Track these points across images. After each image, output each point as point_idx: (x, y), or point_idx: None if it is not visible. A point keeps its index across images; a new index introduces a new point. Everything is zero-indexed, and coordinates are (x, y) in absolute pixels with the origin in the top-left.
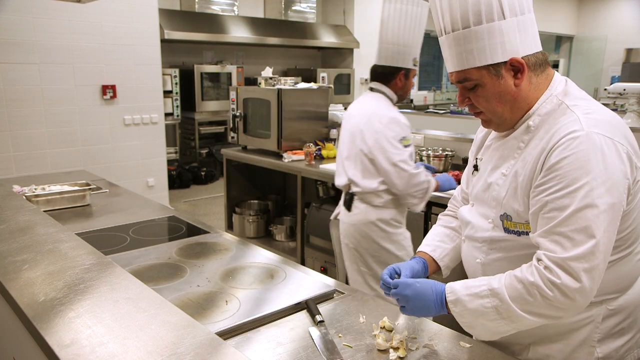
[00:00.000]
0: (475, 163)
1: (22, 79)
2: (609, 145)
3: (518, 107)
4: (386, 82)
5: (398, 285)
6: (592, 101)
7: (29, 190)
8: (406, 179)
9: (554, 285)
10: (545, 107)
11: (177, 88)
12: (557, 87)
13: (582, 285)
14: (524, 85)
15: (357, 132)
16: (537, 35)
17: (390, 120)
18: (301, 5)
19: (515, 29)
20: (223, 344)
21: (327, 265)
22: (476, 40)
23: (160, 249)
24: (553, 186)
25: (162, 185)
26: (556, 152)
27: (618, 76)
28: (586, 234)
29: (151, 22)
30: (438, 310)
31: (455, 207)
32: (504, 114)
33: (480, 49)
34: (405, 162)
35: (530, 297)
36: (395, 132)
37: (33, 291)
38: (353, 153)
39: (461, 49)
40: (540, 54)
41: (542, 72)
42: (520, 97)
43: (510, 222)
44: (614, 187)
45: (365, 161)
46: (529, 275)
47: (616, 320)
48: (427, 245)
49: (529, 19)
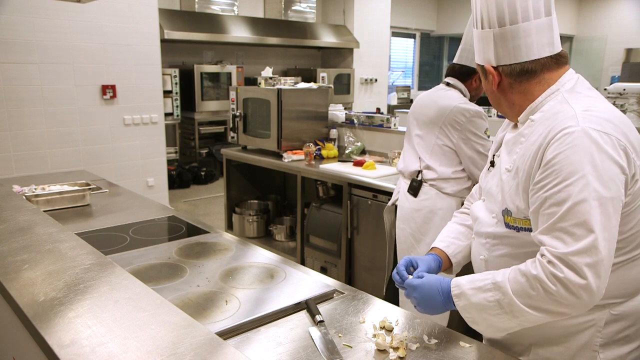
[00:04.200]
0: (492, 160)
1: (22, 78)
2: (605, 140)
3: (509, 105)
4: (463, 80)
5: (407, 287)
6: (598, 98)
7: (29, 190)
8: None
9: (557, 279)
10: (549, 103)
11: (177, 88)
12: (566, 84)
13: (588, 282)
14: (505, 89)
15: (437, 122)
16: (523, 45)
17: (474, 113)
18: (301, 5)
19: (490, 39)
20: (223, 344)
21: (327, 265)
22: (476, 41)
23: (160, 249)
24: (550, 182)
25: (162, 185)
26: (552, 148)
27: (618, 76)
28: (585, 228)
29: (151, 22)
30: (446, 307)
31: (471, 204)
32: (500, 106)
33: (475, 49)
34: (488, 152)
35: (533, 290)
36: (480, 124)
37: (33, 291)
38: (431, 142)
39: (475, 45)
40: (530, 63)
41: (532, 79)
42: (504, 97)
43: (510, 217)
44: (611, 180)
45: (446, 149)
46: (532, 269)
47: (620, 326)
48: (442, 241)
49: (509, 31)
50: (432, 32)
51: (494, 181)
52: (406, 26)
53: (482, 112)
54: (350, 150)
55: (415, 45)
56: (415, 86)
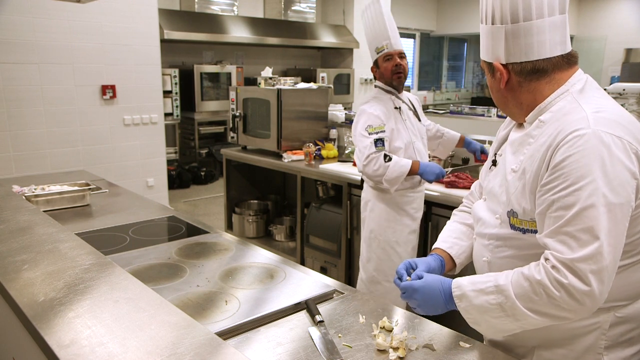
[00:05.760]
0: (494, 158)
1: (22, 78)
2: (617, 143)
3: (517, 104)
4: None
5: (406, 290)
6: (607, 99)
7: (29, 190)
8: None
9: (561, 285)
10: (558, 103)
11: (176, 88)
12: (576, 85)
13: (592, 289)
14: (513, 88)
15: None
16: (535, 43)
17: (359, 111)
18: (301, 5)
19: (501, 36)
20: (223, 344)
21: (327, 265)
22: (484, 37)
23: (160, 249)
24: (559, 185)
25: (161, 185)
26: (561, 150)
27: (618, 76)
28: (591, 234)
29: (151, 22)
30: (448, 307)
31: (471, 202)
32: (506, 106)
33: (482, 45)
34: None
35: (536, 295)
36: (362, 122)
37: (33, 291)
38: None
39: (482, 41)
40: (541, 62)
41: (542, 78)
42: (512, 96)
43: (516, 219)
44: (620, 186)
45: None
46: (536, 273)
47: (625, 328)
48: (444, 241)
49: (522, 28)
50: (432, 32)
51: (496, 181)
52: (406, 26)
53: (364, 109)
54: (350, 150)
55: (415, 45)
56: (415, 86)
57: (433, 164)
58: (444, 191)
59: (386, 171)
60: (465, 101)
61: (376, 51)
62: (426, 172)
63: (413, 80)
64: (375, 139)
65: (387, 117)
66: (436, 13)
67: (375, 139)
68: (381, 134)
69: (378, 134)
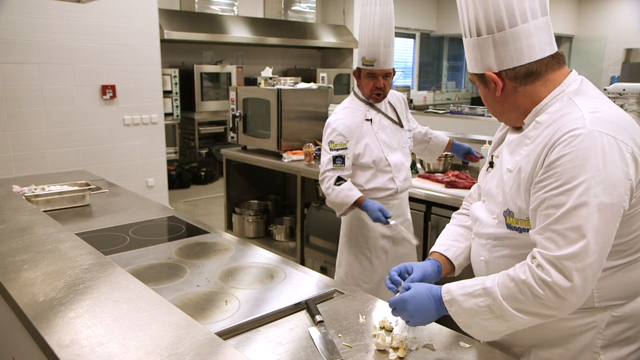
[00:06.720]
0: (491, 160)
1: (21, 78)
2: (612, 144)
3: (514, 109)
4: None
5: (396, 305)
6: (603, 100)
7: (29, 190)
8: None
9: (545, 283)
10: (555, 104)
11: (176, 88)
12: (571, 86)
13: (573, 285)
14: (509, 94)
15: None
16: (525, 47)
17: (326, 124)
18: (301, 5)
19: (489, 45)
20: (223, 344)
21: (327, 265)
22: (470, 51)
23: (160, 249)
24: (551, 183)
25: (161, 185)
26: (557, 149)
27: (618, 76)
28: (579, 232)
29: (151, 22)
30: (439, 313)
31: (469, 204)
32: (503, 114)
33: (470, 59)
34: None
35: (522, 295)
36: (326, 136)
37: (33, 291)
38: None
39: (468, 55)
40: (534, 64)
41: (537, 80)
42: (509, 103)
43: (512, 219)
44: (613, 186)
45: None
46: (521, 273)
47: (621, 327)
48: (441, 244)
49: (509, 34)
50: (432, 32)
51: (493, 181)
52: (406, 26)
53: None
54: None
55: (415, 45)
56: (415, 86)
57: (377, 204)
58: (444, 191)
59: (332, 193)
60: (465, 101)
61: (362, 61)
62: (368, 210)
63: (413, 80)
64: (334, 155)
65: (353, 132)
66: (436, 13)
67: (334, 155)
68: (342, 151)
69: (339, 151)
